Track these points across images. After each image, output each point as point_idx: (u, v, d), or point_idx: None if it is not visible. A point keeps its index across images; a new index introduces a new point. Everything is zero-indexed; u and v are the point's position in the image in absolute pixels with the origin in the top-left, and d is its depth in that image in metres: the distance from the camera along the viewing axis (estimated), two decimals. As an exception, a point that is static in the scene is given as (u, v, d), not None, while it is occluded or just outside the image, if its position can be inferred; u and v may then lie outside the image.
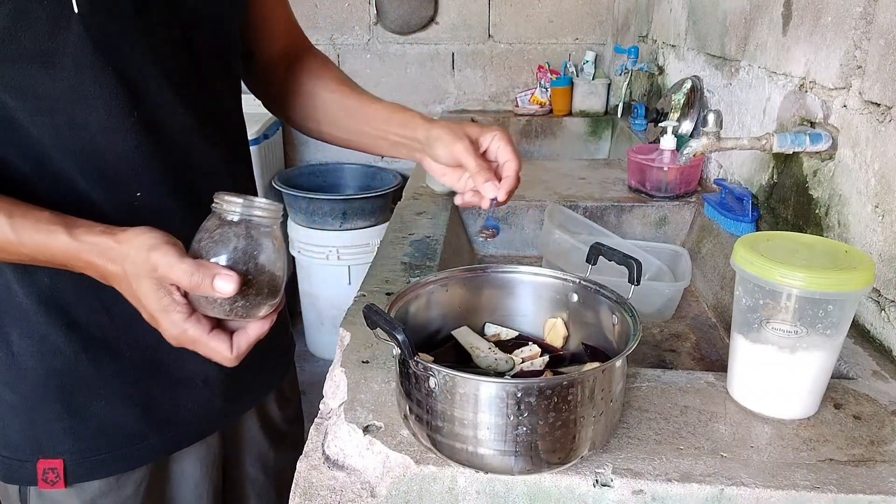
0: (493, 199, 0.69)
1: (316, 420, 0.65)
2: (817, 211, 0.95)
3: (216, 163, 0.72)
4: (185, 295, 0.56)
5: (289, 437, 0.94)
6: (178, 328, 0.56)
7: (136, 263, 0.55)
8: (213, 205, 0.57)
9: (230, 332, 0.59)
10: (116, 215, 0.65)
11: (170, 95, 0.65)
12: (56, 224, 0.56)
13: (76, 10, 0.55)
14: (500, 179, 0.69)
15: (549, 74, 2.50)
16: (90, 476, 0.70)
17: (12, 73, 0.57)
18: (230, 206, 0.55)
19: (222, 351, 0.58)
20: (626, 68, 2.12)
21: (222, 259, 0.55)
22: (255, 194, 0.78)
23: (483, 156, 0.71)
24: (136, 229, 0.56)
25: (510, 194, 0.70)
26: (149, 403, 0.72)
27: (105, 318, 0.68)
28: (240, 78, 0.79)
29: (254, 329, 0.59)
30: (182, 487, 0.79)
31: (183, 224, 0.68)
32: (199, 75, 0.69)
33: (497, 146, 0.71)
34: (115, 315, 0.68)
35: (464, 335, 0.70)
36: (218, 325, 0.59)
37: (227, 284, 0.53)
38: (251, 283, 0.56)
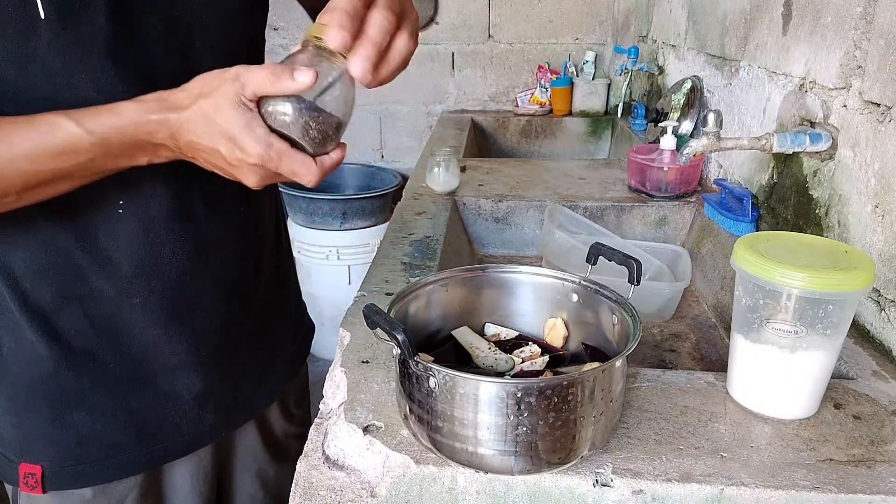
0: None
1: (316, 420, 0.65)
2: (817, 211, 0.95)
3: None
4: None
5: (292, 452, 0.91)
6: (263, 142, 0.53)
7: (212, 86, 0.53)
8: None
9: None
10: (101, 224, 0.64)
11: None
12: (116, 103, 0.54)
13: (42, 15, 0.54)
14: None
15: (549, 74, 2.50)
16: (69, 485, 0.69)
17: None
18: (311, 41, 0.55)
19: (308, 164, 0.55)
20: (626, 68, 2.12)
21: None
22: (256, 196, 0.76)
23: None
24: (198, 76, 0.55)
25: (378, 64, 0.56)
26: (133, 416, 0.70)
27: (88, 329, 0.66)
28: (257, 50, 0.75)
29: (335, 153, 0.57)
30: (172, 501, 0.77)
31: (170, 234, 0.67)
32: (190, 73, 0.65)
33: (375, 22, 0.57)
34: (98, 326, 0.67)
35: (464, 335, 0.70)
36: None
37: (305, 75, 0.52)
38: (338, 98, 0.55)
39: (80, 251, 0.63)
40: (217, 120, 0.53)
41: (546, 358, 0.67)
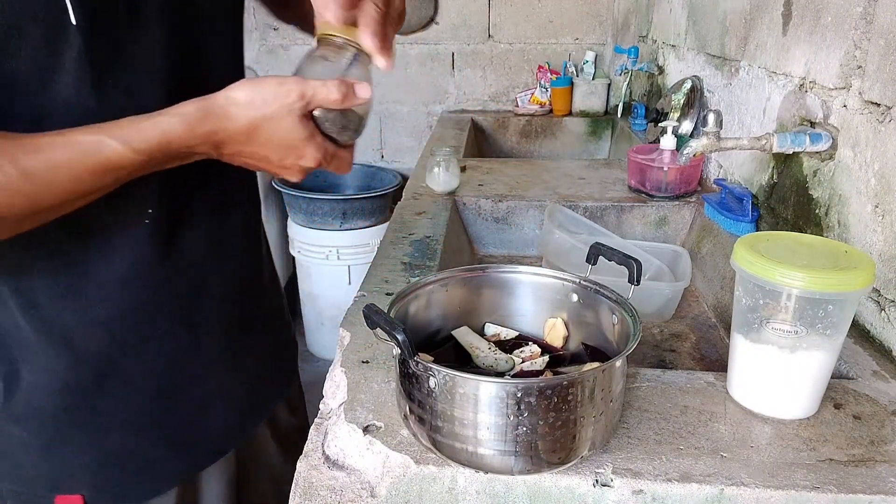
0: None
1: (316, 420, 0.65)
2: (817, 211, 0.95)
3: (219, 168, 0.72)
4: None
5: (300, 447, 0.92)
6: (322, 149, 0.59)
7: (268, 103, 0.55)
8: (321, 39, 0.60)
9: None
10: (125, 228, 0.64)
11: (167, 105, 0.62)
12: (153, 117, 0.54)
13: (73, 22, 0.54)
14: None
15: (549, 74, 2.50)
16: None
17: (11, 94, 0.54)
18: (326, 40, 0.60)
19: (349, 158, 0.64)
20: (626, 68, 2.12)
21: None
22: (258, 195, 0.78)
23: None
24: (241, 84, 0.55)
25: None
26: (165, 428, 0.70)
27: (113, 349, 0.66)
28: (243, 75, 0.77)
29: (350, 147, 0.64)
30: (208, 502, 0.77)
31: (196, 231, 0.69)
32: (200, 81, 0.66)
33: None
34: (122, 345, 0.66)
35: (464, 335, 0.70)
36: None
37: (365, 91, 0.58)
38: (356, 112, 0.61)
39: (104, 269, 0.63)
40: (279, 133, 0.56)
41: (546, 358, 0.67)
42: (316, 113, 0.58)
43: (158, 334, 0.68)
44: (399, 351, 0.54)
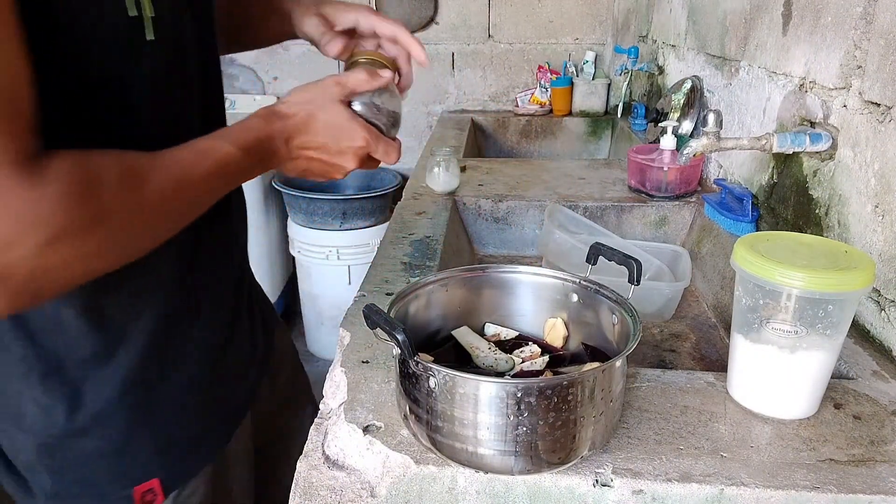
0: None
1: (316, 420, 0.65)
2: (817, 211, 0.95)
3: None
4: None
5: (294, 401, 0.99)
6: (365, 128, 0.69)
7: (313, 94, 0.67)
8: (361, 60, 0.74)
9: None
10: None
11: (210, 95, 0.72)
12: (235, 123, 0.64)
13: (148, 38, 0.58)
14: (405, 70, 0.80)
15: (549, 74, 2.50)
16: (181, 482, 0.72)
17: (97, 96, 0.57)
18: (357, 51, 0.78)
19: (394, 144, 0.73)
20: (626, 68, 2.12)
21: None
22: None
23: (349, 33, 0.81)
24: (288, 91, 0.69)
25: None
26: (212, 399, 0.75)
27: (164, 337, 0.68)
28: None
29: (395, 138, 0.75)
30: (237, 462, 0.81)
31: (239, 219, 0.80)
32: (216, 79, 0.75)
33: (371, 25, 0.79)
34: (172, 330, 0.69)
35: (464, 335, 0.70)
36: None
37: (386, 72, 0.71)
38: (389, 105, 0.73)
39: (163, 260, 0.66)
40: (325, 117, 0.67)
41: (546, 358, 0.67)
42: (355, 106, 0.69)
43: (203, 314, 0.73)
44: (399, 351, 0.54)
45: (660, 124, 1.46)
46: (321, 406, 0.68)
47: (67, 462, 0.67)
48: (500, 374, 0.64)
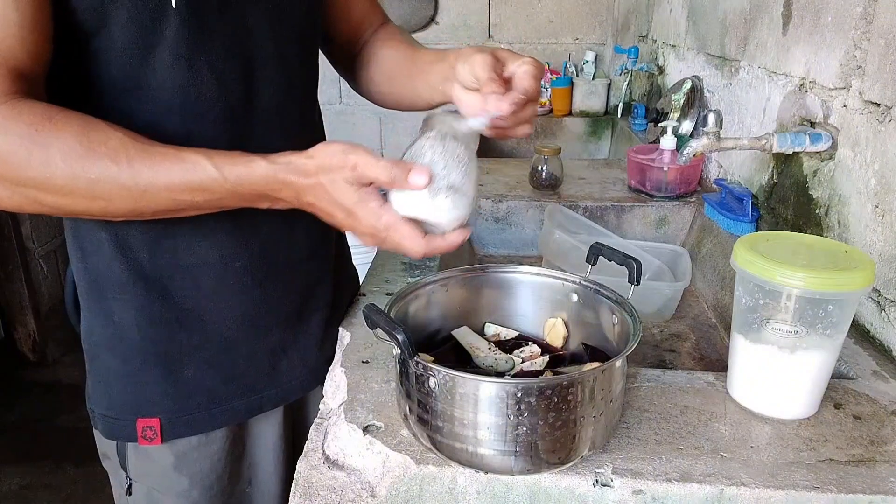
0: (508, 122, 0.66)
1: (316, 420, 0.65)
2: (817, 211, 0.95)
3: (299, 146, 0.75)
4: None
5: None
6: (374, 215, 0.60)
7: (333, 166, 0.59)
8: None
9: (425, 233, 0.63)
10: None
11: (256, 82, 0.70)
12: (250, 156, 0.61)
13: (174, 5, 0.61)
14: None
15: (549, 74, 2.50)
16: (182, 433, 0.75)
17: (122, 69, 0.62)
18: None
19: (416, 235, 0.61)
20: (626, 68, 2.12)
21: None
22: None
23: (506, 82, 0.66)
24: (322, 144, 0.61)
25: (514, 116, 0.64)
26: (234, 369, 0.76)
27: (196, 293, 0.72)
28: (317, 60, 0.82)
29: (449, 236, 0.63)
30: (260, 448, 0.83)
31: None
32: (283, 61, 0.72)
33: (524, 70, 0.66)
34: (203, 291, 0.73)
35: (464, 335, 0.70)
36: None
37: (420, 177, 0.58)
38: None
39: (190, 223, 0.68)
40: (335, 194, 0.60)
41: (546, 358, 0.67)
42: (391, 193, 0.61)
43: (233, 287, 0.74)
44: (399, 351, 0.54)
45: (660, 124, 1.46)
46: (321, 406, 0.68)
47: (100, 372, 0.75)
48: (500, 375, 0.64)
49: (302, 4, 0.74)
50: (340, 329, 0.81)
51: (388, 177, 0.58)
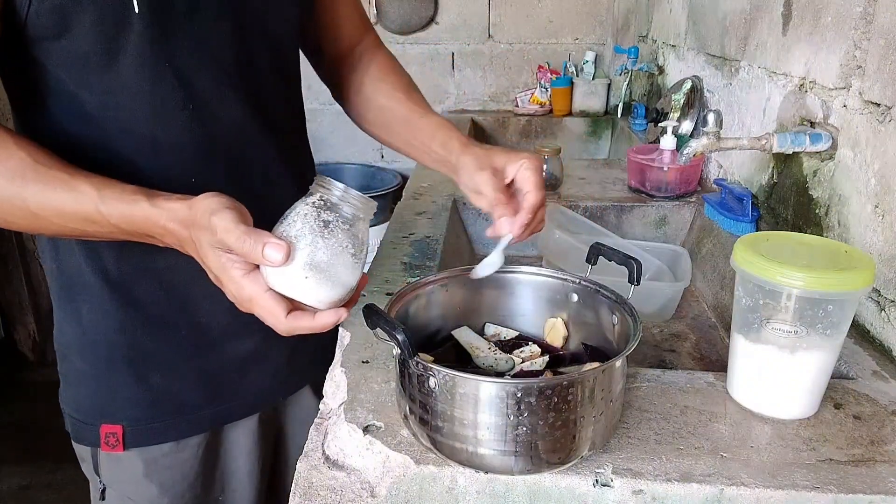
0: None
1: (316, 420, 0.65)
2: (817, 211, 0.95)
3: (270, 152, 0.75)
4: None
5: None
6: (235, 284, 0.56)
7: (200, 226, 0.56)
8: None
9: (294, 307, 0.58)
10: (177, 191, 0.67)
11: (223, 89, 0.68)
12: (139, 195, 0.58)
13: (136, 10, 0.60)
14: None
15: (548, 74, 2.50)
16: (146, 442, 0.74)
17: (85, 73, 0.62)
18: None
19: (277, 313, 0.56)
20: (626, 68, 2.12)
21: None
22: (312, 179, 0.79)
23: (509, 186, 0.69)
24: (205, 195, 0.56)
25: (527, 228, 0.68)
26: (202, 378, 0.75)
27: (163, 298, 0.72)
28: (299, 69, 0.81)
29: (320, 316, 0.58)
30: (234, 456, 0.82)
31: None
32: (252, 68, 0.71)
33: (522, 175, 0.68)
34: (172, 296, 0.72)
35: (464, 335, 0.70)
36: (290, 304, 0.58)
37: (276, 253, 0.53)
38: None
39: None
40: (201, 254, 0.57)
41: (546, 358, 0.67)
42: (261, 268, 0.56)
43: (202, 293, 0.72)
44: (399, 351, 0.54)
45: (660, 124, 1.46)
46: (321, 406, 0.68)
47: (69, 374, 0.75)
48: (500, 374, 0.64)
49: (276, 13, 0.72)
50: (340, 329, 0.80)
51: (240, 249, 0.53)
